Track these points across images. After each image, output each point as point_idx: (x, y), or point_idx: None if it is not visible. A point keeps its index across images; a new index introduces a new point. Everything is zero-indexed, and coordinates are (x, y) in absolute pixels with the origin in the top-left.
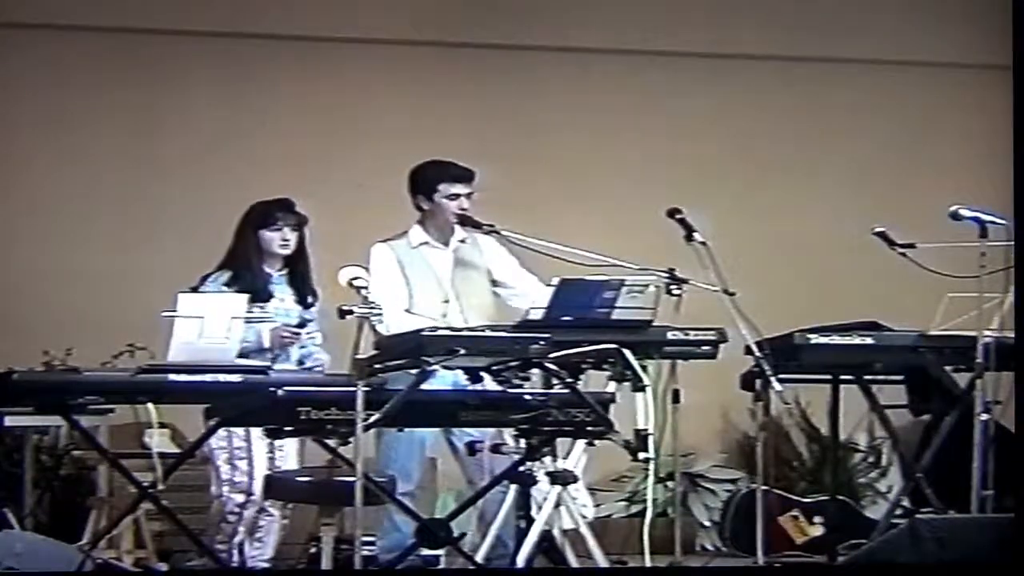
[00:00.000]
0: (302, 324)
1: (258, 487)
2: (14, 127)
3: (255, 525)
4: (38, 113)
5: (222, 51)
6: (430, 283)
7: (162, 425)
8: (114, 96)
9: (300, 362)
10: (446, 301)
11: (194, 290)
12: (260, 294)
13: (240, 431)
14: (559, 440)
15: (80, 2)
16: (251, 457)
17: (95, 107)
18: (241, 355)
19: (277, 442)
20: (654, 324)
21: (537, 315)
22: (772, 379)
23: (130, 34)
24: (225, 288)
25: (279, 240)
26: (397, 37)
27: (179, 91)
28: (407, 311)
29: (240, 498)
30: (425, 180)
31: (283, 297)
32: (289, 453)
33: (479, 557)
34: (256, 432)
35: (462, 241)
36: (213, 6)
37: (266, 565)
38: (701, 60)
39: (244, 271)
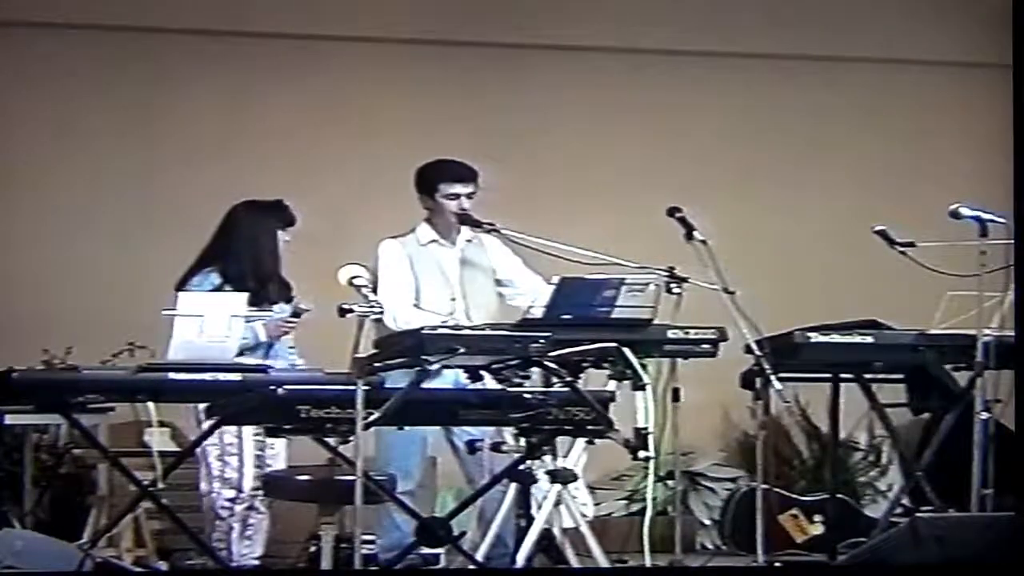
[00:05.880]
0: (297, 314)
1: (247, 484)
2: (14, 126)
3: (246, 523)
4: (37, 112)
5: (222, 50)
6: (438, 281)
7: (162, 424)
8: (114, 95)
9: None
10: (453, 299)
11: (181, 287)
12: (273, 295)
13: (231, 427)
14: (559, 439)
15: (80, 0)
16: (242, 454)
17: (95, 106)
18: (238, 353)
19: (269, 440)
20: (654, 323)
21: (537, 314)
22: (772, 378)
23: (130, 32)
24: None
25: (282, 241)
26: (397, 36)
27: (179, 90)
28: (416, 306)
29: (231, 494)
30: (427, 179)
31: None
32: (279, 452)
33: (479, 556)
34: (247, 429)
35: (469, 241)
36: (213, 5)
37: (256, 563)
38: (702, 59)
39: (273, 273)
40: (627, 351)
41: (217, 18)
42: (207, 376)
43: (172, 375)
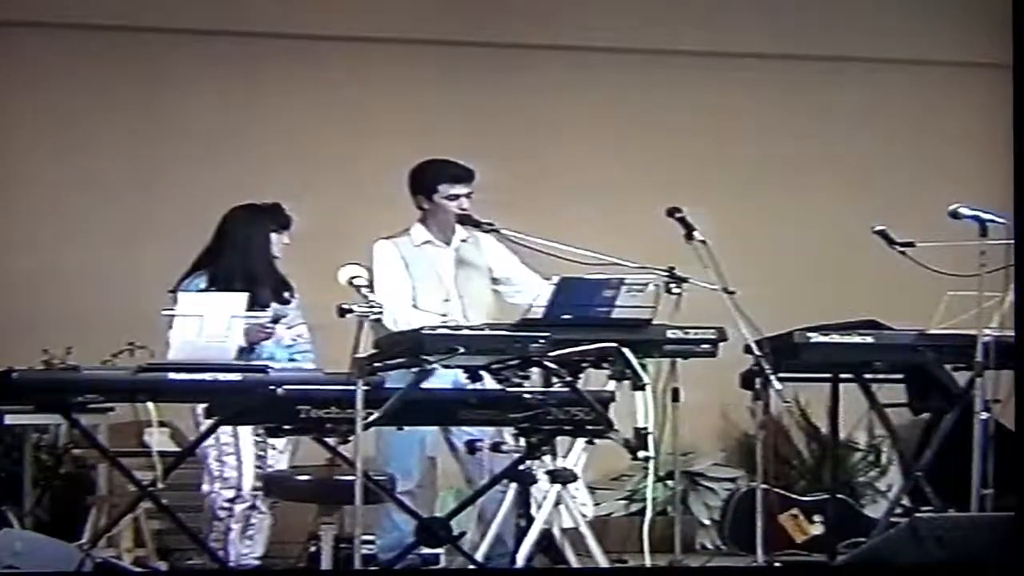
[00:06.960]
0: (276, 320)
1: (247, 483)
2: (12, 126)
3: (247, 523)
4: (37, 112)
5: (221, 50)
6: (432, 282)
7: (162, 424)
8: (113, 95)
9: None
10: (447, 300)
11: (174, 292)
12: (268, 298)
13: (228, 427)
14: (559, 439)
15: (80, 1)
16: (239, 453)
17: (94, 106)
18: None
19: (270, 440)
20: (654, 323)
21: (537, 314)
22: (772, 378)
23: (129, 32)
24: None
25: (280, 243)
26: (397, 36)
27: (178, 90)
28: (414, 307)
29: (229, 494)
30: (425, 180)
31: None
32: (282, 453)
33: (479, 556)
34: (245, 429)
35: (464, 240)
36: (213, 5)
37: (257, 562)
38: (701, 59)
39: (263, 275)
40: (627, 351)
41: (217, 18)
42: (207, 376)
43: (172, 375)
